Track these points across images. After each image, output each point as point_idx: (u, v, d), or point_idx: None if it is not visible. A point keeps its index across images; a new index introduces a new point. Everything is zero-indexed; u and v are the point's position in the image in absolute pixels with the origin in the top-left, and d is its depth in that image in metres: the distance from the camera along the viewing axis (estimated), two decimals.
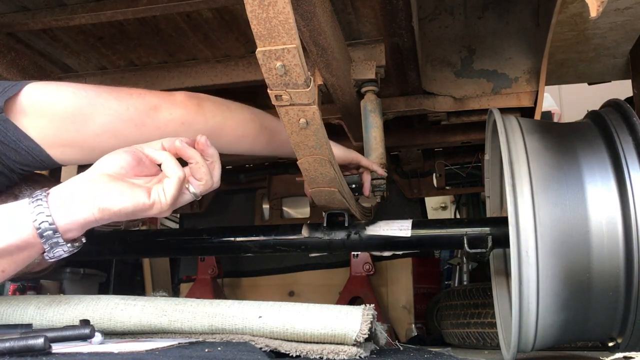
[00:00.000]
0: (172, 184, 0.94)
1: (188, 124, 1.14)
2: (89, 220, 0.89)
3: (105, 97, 1.07)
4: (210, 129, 1.16)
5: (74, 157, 1.09)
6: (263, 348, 0.93)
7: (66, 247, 0.90)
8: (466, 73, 1.82)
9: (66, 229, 0.88)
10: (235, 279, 2.98)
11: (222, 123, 1.20)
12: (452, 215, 3.46)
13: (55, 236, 0.87)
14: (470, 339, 2.00)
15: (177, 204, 0.98)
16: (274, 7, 0.76)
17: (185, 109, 1.14)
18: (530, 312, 1.05)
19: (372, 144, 1.56)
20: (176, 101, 1.14)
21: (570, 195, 1.07)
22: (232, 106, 1.24)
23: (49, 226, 0.86)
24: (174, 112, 1.12)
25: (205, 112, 1.17)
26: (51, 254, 0.90)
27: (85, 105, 1.05)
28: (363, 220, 1.42)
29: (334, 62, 1.33)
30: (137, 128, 1.09)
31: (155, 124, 1.11)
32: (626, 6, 1.57)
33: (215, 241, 1.46)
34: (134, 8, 1.42)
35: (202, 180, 0.99)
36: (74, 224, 0.88)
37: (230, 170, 2.87)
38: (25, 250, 0.89)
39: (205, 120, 1.17)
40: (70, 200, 0.89)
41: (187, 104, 1.15)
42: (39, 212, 0.86)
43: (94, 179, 0.91)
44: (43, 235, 0.87)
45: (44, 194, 0.89)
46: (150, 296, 1.08)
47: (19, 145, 1.02)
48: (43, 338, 0.76)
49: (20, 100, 1.01)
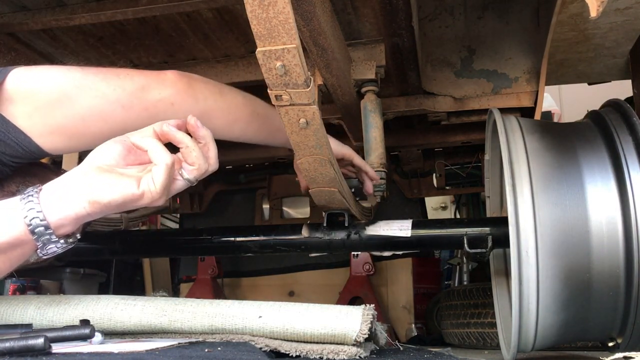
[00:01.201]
0: (160, 171, 0.89)
1: (178, 104, 1.09)
2: (80, 214, 0.88)
3: (91, 78, 1.03)
4: (201, 111, 1.12)
5: (63, 145, 1.05)
6: (263, 348, 0.93)
7: (59, 244, 0.89)
8: (466, 73, 1.82)
9: (58, 224, 0.87)
10: (235, 279, 2.98)
11: (213, 105, 1.15)
12: (452, 215, 3.46)
13: (47, 232, 0.86)
14: (470, 339, 2.00)
15: (171, 192, 0.94)
16: (274, 7, 0.76)
17: (175, 88, 1.09)
18: (530, 312, 1.05)
19: (372, 144, 1.56)
20: (166, 79, 1.09)
21: (570, 195, 1.07)
22: (224, 89, 1.20)
23: (40, 222, 0.85)
24: (163, 92, 1.08)
25: (196, 93, 1.12)
26: (44, 250, 0.89)
27: (71, 88, 1.02)
28: (363, 220, 1.42)
29: (334, 62, 1.33)
30: (124, 110, 1.05)
31: (144, 105, 1.06)
32: (626, 6, 1.57)
33: (215, 241, 1.46)
34: (134, 8, 1.42)
35: (195, 164, 0.94)
36: (66, 219, 0.87)
37: (230, 170, 2.88)
38: (18, 248, 0.88)
39: (196, 101, 1.12)
40: (61, 196, 0.87)
41: (177, 83, 1.10)
42: (30, 209, 0.85)
43: (85, 172, 0.89)
44: (35, 232, 0.86)
45: (36, 190, 0.88)
46: (150, 296, 1.08)
47: (8, 137, 0.99)
48: (43, 338, 0.76)
49: (5, 88, 0.98)
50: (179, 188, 0.95)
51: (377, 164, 1.52)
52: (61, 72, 1.03)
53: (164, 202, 0.93)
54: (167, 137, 0.94)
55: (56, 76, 1.02)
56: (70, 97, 1.01)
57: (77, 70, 1.04)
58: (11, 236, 0.86)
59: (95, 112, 1.03)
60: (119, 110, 1.05)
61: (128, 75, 1.07)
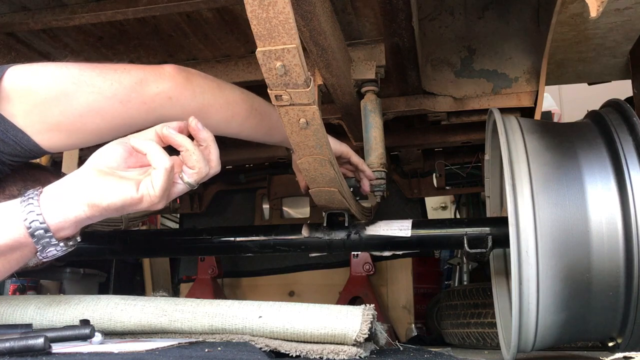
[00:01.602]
0: (159, 175, 0.88)
1: (176, 98, 1.07)
2: (80, 217, 0.87)
3: (88, 74, 1.02)
4: (199, 106, 1.11)
5: (61, 142, 1.04)
6: (263, 348, 0.93)
7: (59, 247, 0.89)
8: (466, 73, 1.82)
9: (58, 227, 0.87)
10: (235, 279, 2.98)
11: (211, 100, 1.13)
12: (452, 215, 3.46)
13: (47, 235, 0.86)
14: (470, 339, 2.00)
15: (171, 196, 0.94)
16: (274, 7, 0.76)
17: (173, 82, 1.07)
18: (530, 312, 1.05)
19: (372, 144, 1.56)
20: (164, 73, 1.08)
21: (570, 195, 1.07)
22: (222, 84, 1.19)
23: (39, 225, 0.85)
24: (160, 85, 1.06)
25: (194, 87, 1.11)
26: (44, 253, 0.89)
27: (68, 85, 1.01)
28: (363, 220, 1.42)
29: (334, 62, 1.33)
30: (122, 105, 1.03)
31: (141, 99, 1.04)
32: (626, 6, 1.57)
33: (215, 241, 1.46)
34: (134, 8, 1.42)
35: (195, 168, 0.93)
36: (66, 222, 0.87)
37: (230, 170, 2.88)
38: (17, 251, 0.88)
39: (194, 96, 1.10)
40: (61, 199, 0.87)
41: (175, 76, 1.08)
42: (30, 211, 0.85)
43: (85, 175, 0.89)
44: (34, 235, 0.85)
45: (36, 192, 0.88)
46: (150, 296, 1.08)
47: (6, 136, 0.99)
48: (43, 338, 0.76)
49: (3, 86, 0.98)
50: (179, 191, 0.94)
51: (377, 164, 1.52)
52: (58, 69, 1.02)
53: (164, 205, 0.93)
54: (167, 140, 0.93)
55: (53, 73, 1.01)
56: (68, 93, 1.00)
57: (74, 66, 1.03)
58: (11, 239, 0.86)
59: (93, 108, 1.02)
60: (117, 105, 1.03)
61: (125, 70, 1.05)
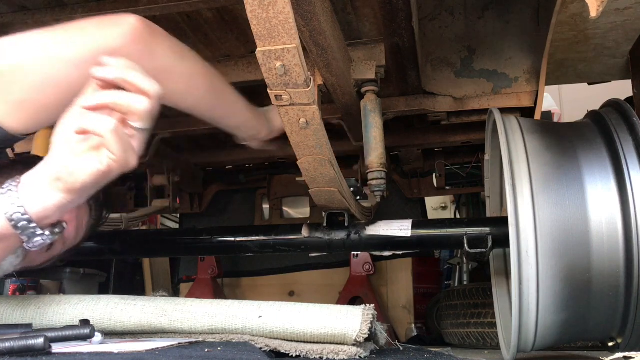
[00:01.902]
0: (110, 141, 0.81)
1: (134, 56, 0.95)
2: (61, 203, 0.85)
3: (40, 41, 0.95)
4: (159, 68, 1.01)
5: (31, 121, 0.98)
6: (263, 348, 0.93)
7: (45, 235, 0.88)
8: (466, 73, 1.82)
9: (41, 216, 0.85)
10: (235, 279, 2.98)
11: (171, 65, 1.05)
12: (452, 215, 3.46)
13: (31, 226, 0.85)
14: (470, 339, 2.00)
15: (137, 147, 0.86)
16: (274, 7, 0.76)
17: (133, 37, 0.98)
18: (530, 312, 1.05)
19: (372, 144, 1.55)
20: (123, 24, 0.98)
21: (570, 195, 1.08)
22: (187, 53, 1.10)
23: (22, 217, 0.84)
24: (119, 40, 0.97)
25: (156, 47, 1.02)
26: (31, 244, 0.87)
27: (21, 58, 0.94)
28: (363, 220, 1.42)
29: (334, 62, 1.33)
30: (77, 69, 0.94)
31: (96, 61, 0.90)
32: (626, 6, 1.57)
33: (215, 241, 1.46)
34: (134, 8, 1.42)
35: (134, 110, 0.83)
36: (48, 210, 0.85)
37: (230, 170, 2.88)
38: (1, 242, 0.86)
39: (152, 58, 1.01)
40: (39, 187, 0.85)
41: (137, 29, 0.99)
42: (11, 203, 0.84)
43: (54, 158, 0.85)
44: (18, 227, 0.84)
45: (14, 183, 0.86)
46: (150, 296, 1.08)
47: None
48: (43, 338, 0.76)
49: None
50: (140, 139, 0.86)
51: (377, 164, 1.52)
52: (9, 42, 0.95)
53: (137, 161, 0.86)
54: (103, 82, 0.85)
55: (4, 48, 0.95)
56: (22, 66, 0.94)
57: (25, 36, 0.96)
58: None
59: (51, 79, 0.95)
60: (72, 71, 0.95)
61: (78, 27, 0.97)
